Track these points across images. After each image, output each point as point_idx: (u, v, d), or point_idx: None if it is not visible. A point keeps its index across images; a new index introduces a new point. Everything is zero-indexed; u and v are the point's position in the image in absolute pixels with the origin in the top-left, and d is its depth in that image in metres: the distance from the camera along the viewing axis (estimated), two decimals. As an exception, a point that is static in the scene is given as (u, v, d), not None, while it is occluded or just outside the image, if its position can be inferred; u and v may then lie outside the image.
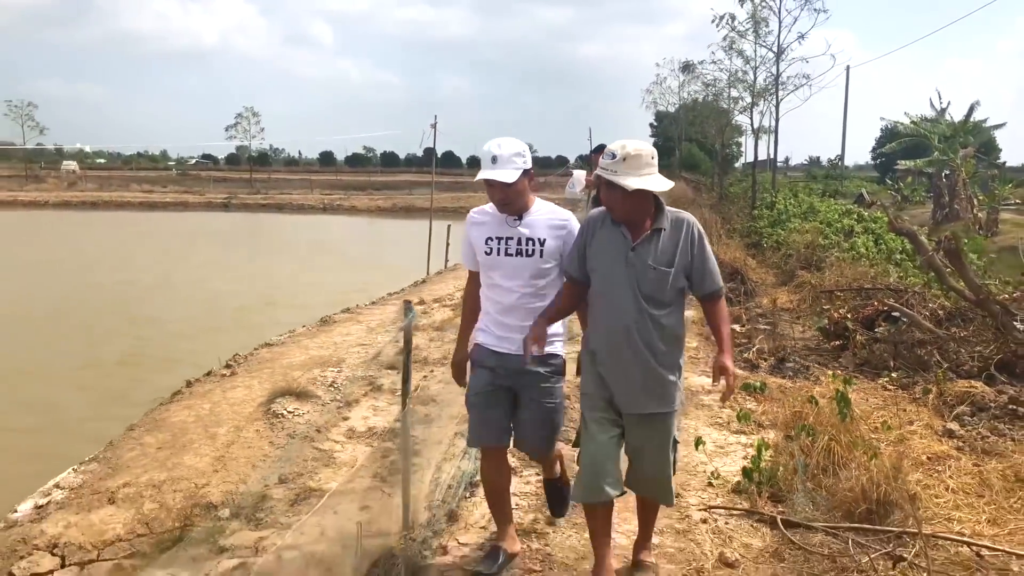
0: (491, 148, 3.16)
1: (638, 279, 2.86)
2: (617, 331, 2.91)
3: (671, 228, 2.90)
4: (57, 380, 9.18)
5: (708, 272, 2.95)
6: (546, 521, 3.84)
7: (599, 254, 2.95)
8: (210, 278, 17.88)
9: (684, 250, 2.88)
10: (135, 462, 4.62)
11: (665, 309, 2.91)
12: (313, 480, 4.31)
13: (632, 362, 2.91)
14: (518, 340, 3.16)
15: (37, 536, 3.86)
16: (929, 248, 7.68)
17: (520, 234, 3.21)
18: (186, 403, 5.63)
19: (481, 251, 3.27)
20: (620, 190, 2.78)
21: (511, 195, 3.15)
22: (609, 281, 2.92)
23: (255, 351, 7.26)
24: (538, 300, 3.23)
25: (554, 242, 3.21)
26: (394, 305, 9.54)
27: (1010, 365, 6.68)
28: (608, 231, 2.95)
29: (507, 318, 3.25)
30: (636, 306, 2.87)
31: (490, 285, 3.31)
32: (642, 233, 2.88)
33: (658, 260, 2.86)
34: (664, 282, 2.87)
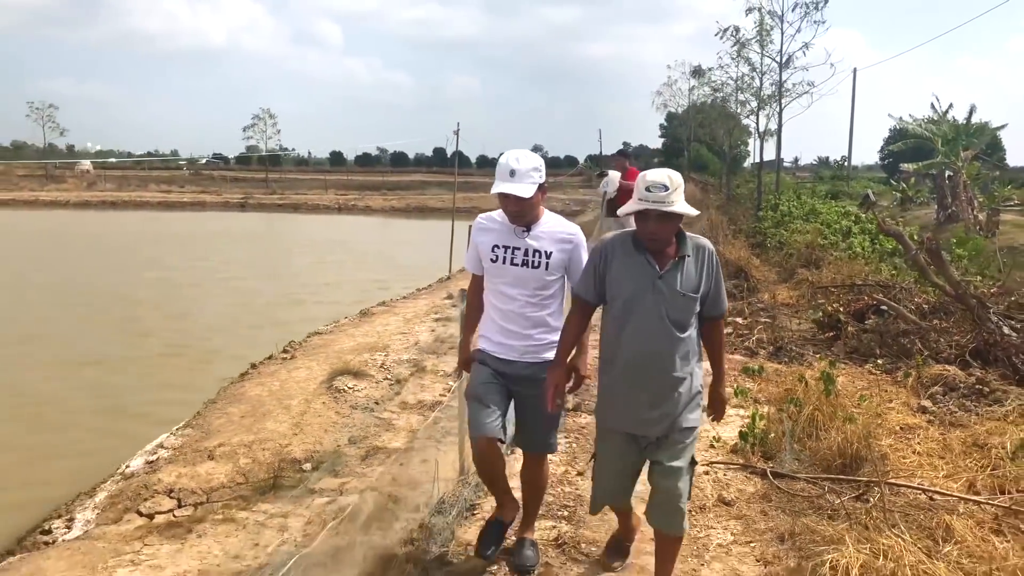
0: (509, 162, 3.19)
1: (666, 305, 2.90)
2: (644, 356, 2.93)
3: (694, 254, 2.95)
4: (112, 369, 10.01)
5: (720, 296, 3.04)
6: (576, 472, 4.65)
7: (621, 281, 2.97)
8: (239, 276, 18.73)
9: (707, 276, 2.96)
10: (224, 427, 5.45)
11: (688, 331, 2.95)
12: (378, 441, 5.13)
13: (659, 385, 2.94)
14: (518, 347, 3.31)
15: (155, 483, 4.68)
16: (913, 247, 8.44)
17: (528, 245, 3.27)
18: (256, 381, 6.47)
19: (487, 258, 3.33)
20: (675, 219, 2.84)
21: (526, 208, 3.22)
22: (635, 307, 2.93)
23: (307, 338, 8.12)
24: (540, 309, 3.32)
25: (560, 255, 3.29)
26: (425, 299, 10.37)
27: (983, 352, 7.44)
28: (630, 258, 2.95)
29: (509, 324, 3.33)
30: (664, 331, 2.90)
31: (494, 291, 3.38)
32: (667, 260, 2.91)
33: (685, 286, 2.91)
34: (691, 308, 2.93)
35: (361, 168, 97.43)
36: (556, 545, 3.75)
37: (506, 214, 3.27)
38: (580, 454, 4.92)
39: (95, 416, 7.90)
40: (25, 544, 4.50)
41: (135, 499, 4.53)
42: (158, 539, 3.83)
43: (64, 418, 7.68)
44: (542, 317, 3.33)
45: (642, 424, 2.99)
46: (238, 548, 3.69)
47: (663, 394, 2.94)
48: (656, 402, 2.95)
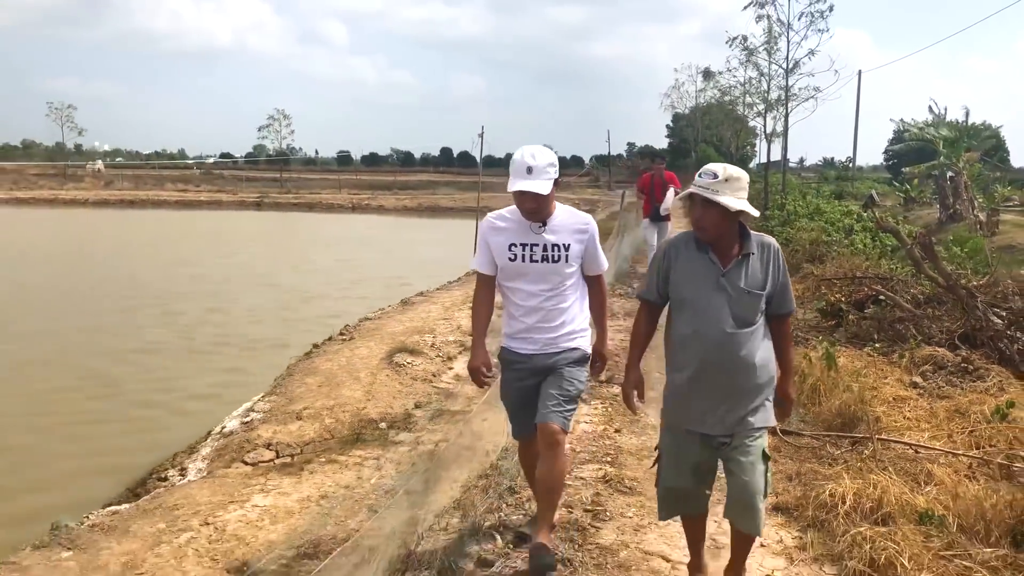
0: (525, 158, 3.17)
1: (731, 303, 2.90)
2: (712, 355, 2.91)
3: (759, 252, 2.95)
4: (172, 357, 10.84)
5: (787, 294, 3.04)
6: (615, 429, 5.47)
7: (686, 280, 2.98)
8: (268, 273, 19.57)
9: (773, 273, 2.95)
10: (305, 395, 6.28)
11: (755, 329, 2.94)
12: (440, 406, 5.96)
13: (728, 385, 2.93)
14: (541, 339, 3.34)
15: (255, 439, 5.49)
16: (908, 242, 9.25)
17: (546, 240, 3.26)
18: (324, 358, 7.31)
19: (504, 257, 3.30)
20: (719, 209, 2.83)
21: (543, 204, 3.22)
22: (700, 307, 2.94)
23: (360, 323, 8.97)
24: (561, 301, 3.34)
25: (577, 246, 3.32)
26: (458, 291, 11.23)
27: (971, 337, 8.23)
28: (693, 256, 2.97)
29: (531, 319, 3.34)
30: (731, 329, 2.89)
31: (512, 290, 3.37)
32: (731, 258, 2.92)
33: (750, 284, 2.91)
34: (756, 305, 2.92)
35: (369, 168, 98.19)
36: (604, 481, 4.57)
37: (522, 211, 3.26)
38: (616, 416, 5.72)
39: (167, 396, 8.76)
40: (147, 487, 5.35)
41: (239, 451, 5.34)
42: (277, 475, 4.65)
43: (142, 398, 8.55)
44: (564, 309, 3.34)
45: (709, 423, 2.96)
46: (346, 480, 4.51)
47: (730, 392, 2.93)
48: (724, 400, 2.93)
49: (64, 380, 9.21)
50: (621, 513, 4.16)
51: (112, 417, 7.84)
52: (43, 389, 8.83)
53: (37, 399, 8.44)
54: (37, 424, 7.65)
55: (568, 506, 4.14)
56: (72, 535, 3.87)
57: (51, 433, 7.40)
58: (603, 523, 4.02)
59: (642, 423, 5.64)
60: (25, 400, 8.45)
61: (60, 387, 8.87)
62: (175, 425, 7.51)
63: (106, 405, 8.24)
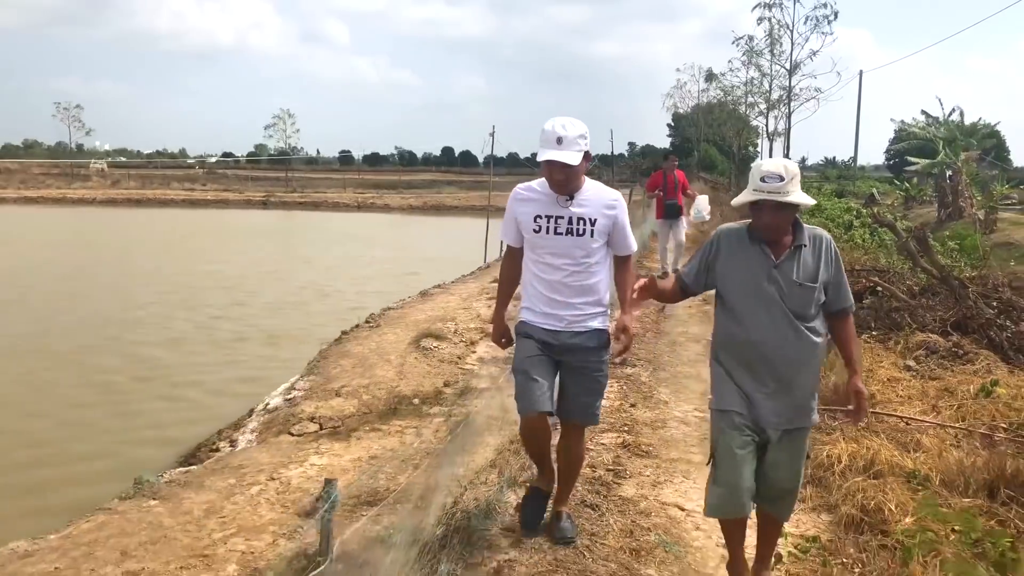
0: (555, 128, 3.12)
1: (783, 296, 2.88)
2: (764, 347, 2.90)
3: (811, 244, 2.92)
4: (208, 345, 11.34)
5: (843, 287, 3.01)
6: (630, 404, 5.94)
7: (736, 271, 2.96)
8: (282, 269, 20.08)
9: (825, 266, 2.92)
10: (341, 375, 6.76)
11: (810, 323, 2.91)
12: (467, 384, 6.44)
13: (780, 378, 2.91)
14: (565, 316, 3.29)
15: (300, 413, 5.97)
16: (904, 236, 9.73)
17: (571, 213, 3.23)
18: (355, 343, 7.80)
19: (529, 228, 3.29)
20: (791, 209, 2.83)
21: (572, 176, 3.17)
22: (751, 298, 2.93)
23: (384, 312, 9.46)
24: (587, 277, 3.29)
25: (604, 221, 3.28)
26: (473, 283, 11.73)
27: (962, 325, 8.71)
28: (744, 248, 2.95)
29: (555, 294, 3.30)
30: (785, 322, 2.88)
31: (536, 262, 3.33)
32: (783, 250, 2.90)
33: (802, 276, 2.88)
34: (809, 297, 2.89)
35: (371, 167, 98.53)
36: (623, 447, 5.05)
37: (551, 183, 3.22)
38: (630, 393, 6.20)
39: (207, 378, 9.30)
40: (197, 457, 5.85)
41: (285, 424, 5.82)
42: (328, 441, 5.14)
43: (186, 379, 9.14)
44: (588, 285, 3.30)
45: (761, 416, 2.95)
46: (391, 445, 5.00)
47: (782, 386, 2.91)
48: (775, 394, 2.92)
49: (112, 363, 9.82)
50: (639, 472, 4.64)
51: (155, 397, 8.37)
52: (93, 371, 9.44)
53: (88, 380, 9.02)
54: (89, 401, 8.21)
55: (591, 466, 4.62)
56: (154, 488, 4.36)
57: (103, 409, 7.96)
58: (624, 480, 4.50)
59: (654, 399, 6.12)
60: (75, 381, 9.02)
61: (108, 369, 9.48)
62: (214, 406, 8.02)
63: (148, 387, 8.77)
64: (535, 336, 3.33)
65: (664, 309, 9.62)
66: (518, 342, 3.44)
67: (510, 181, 47.28)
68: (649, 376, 6.61)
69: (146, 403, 8.14)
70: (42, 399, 8.45)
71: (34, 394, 8.62)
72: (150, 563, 3.38)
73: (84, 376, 9.33)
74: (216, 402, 8.21)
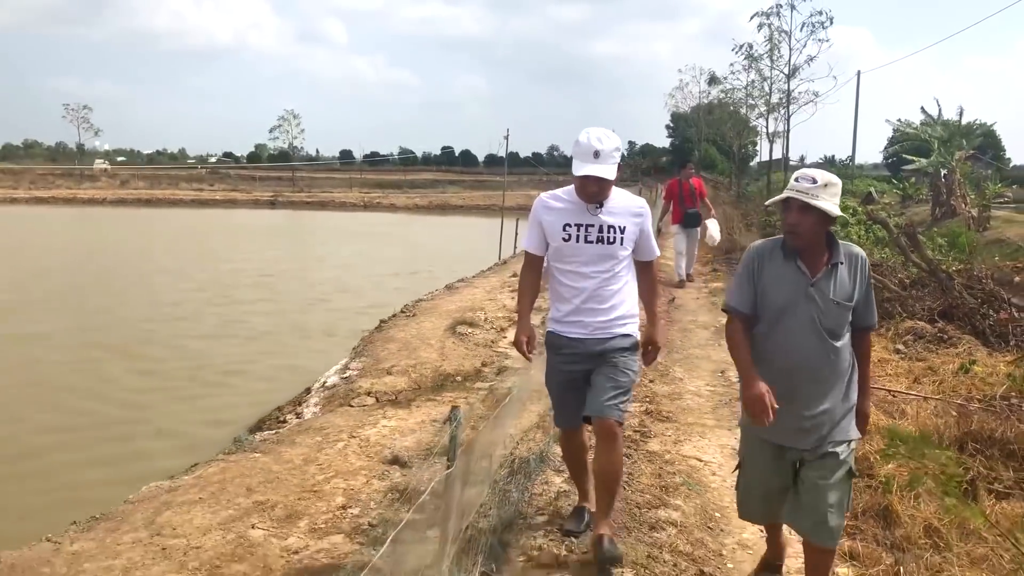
0: (592, 142, 3.15)
1: (820, 314, 2.85)
2: (798, 366, 2.88)
3: (847, 262, 2.90)
4: (246, 337, 12.12)
5: (871, 306, 3.00)
6: (649, 380, 6.72)
7: (773, 288, 2.92)
8: (301, 267, 20.89)
9: (860, 284, 2.91)
10: (389, 356, 7.55)
11: (843, 340, 2.90)
12: (503, 364, 7.22)
13: (812, 396, 2.88)
14: (591, 323, 3.29)
15: (357, 389, 6.74)
16: (895, 231, 10.53)
17: (601, 222, 3.24)
18: (396, 330, 8.60)
19: (558, 237, 3.28)
20: (816, 214, 2.78)
21: (606, 188, 3.21)
22: (787, 316, 2.89)
23: (417, 303, 10.26)
24: (613, 283, 3.31)
25: (633, 228, 3.31)
26: (494, 278, 12.55)
27: (948, 314, 9.50)
28: (779, 265, 2.92)
29: (583, 302, 3.29)
30: (818, 340, 2.86)
31: (565, 271, 3.32)
32: (820, 267, 2.87)
33: (839, 294, 2.85)
34: (845, 316, 2.88)
35: (372, 167, 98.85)
36: (646, 413, 5.83)
37: (584, 194, 3.23)
38: (649, 372, 6.96)
39: (251, 367, 10.08)
40: (264, 428, 6.62)
41: (345, 398, 6.59)
42: (391, 409, 5.92)
43: (230, 368, 9.92)
44: (616, 291, 3.32)
45: (794, 436, 2.92)
46: (445, 412, 5.78)
47: (816, 405, 2.88)
48: (809, 413, 2.88)
49: (160, 354, 10.65)
50: (662, 433, 5.43)
51: (204, 384, 9.17)
52: (143, 361, 10.24)
53: (140, 368, 9.82)
54: (147, 387, 9.01)
55: (621, 428, 5.40)
56: (252, 445, 5.15)
57: (159, 395, 8.75)
58: (649, 438, 5.29)
59: (670, 376, 6.90)
60: (129, 369, 9.80)
61: (157, 359, 10.29)
62: (261, 391, 8.79)
63: (198, 374, 9.57)
64: (564, 350, 3.36)
65: (674, 300, 10.40)
66: (549, 355, 3.47)
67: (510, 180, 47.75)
68: (664, 357, 7.39)
69: (197, 389, 8.96)
70: (103, 385, 9.24)
71: (95, 381, 9.40)
72: (272, 496, 4.16)
73: (136, 365, 10.12)
74: (263, 387, 8.99)
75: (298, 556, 3.51)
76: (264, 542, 3.62)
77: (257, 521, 3.83)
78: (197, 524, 3.78)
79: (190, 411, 8.24)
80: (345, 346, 9.05)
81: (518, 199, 34.20)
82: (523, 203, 39.20)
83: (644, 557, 3.46)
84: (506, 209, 21.58)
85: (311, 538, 3.69)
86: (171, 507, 4.00)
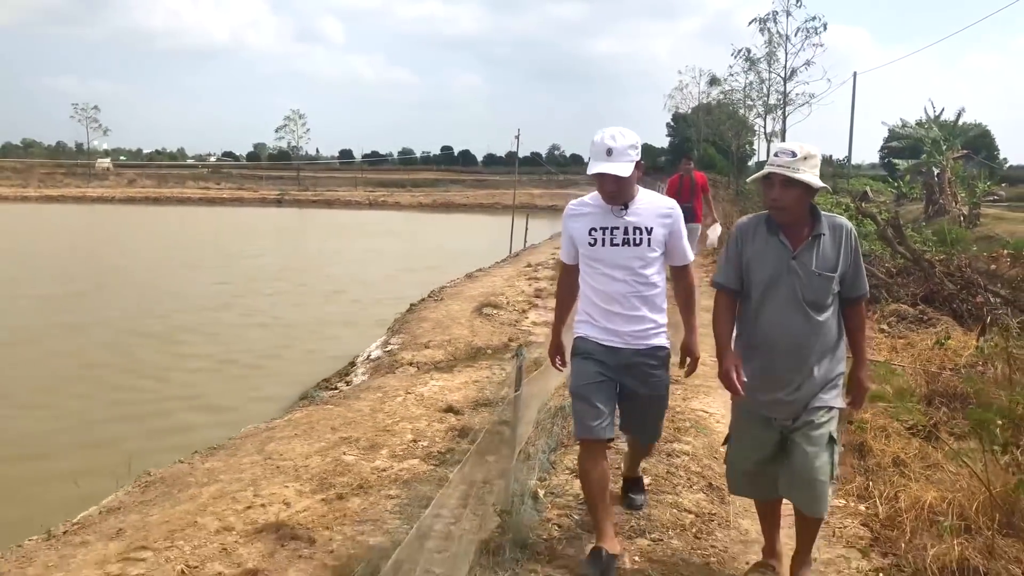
0: (605, 140, 3.09)
1: (802, 286, 2.86)
2: (782, 339, 2.89)
3: (830, 233, 2.90)
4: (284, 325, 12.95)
5: (860, 276, 2.97)
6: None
7: (757, 263, 2.94)
8: (319, 263, 21.65)
9: (845, 255, 2.90)
10: (425, 333, 8.42)
11: (827, 312, 2.90)
12: (527, 339, 8.09)
13: (796, 368, 2.90)
14: (625, 332, 3.21)
15: (400, 360, 7.60)
16: (883, 223, 11.42)
17: (627, 223, 3.19)
18: (428, 311, 9.48)
19: (584, 242, 3.24)
20: (799, 187, 2.79)
21: (624, 187, 3.14)
22: (770, 290, 2.92)
23: (442, 289, 11.15)
24: (645, 288, 3.22)
25: (661, 230, 3.22)
26: (509, 268, 13.47)
27: (930, 299, 10.40)
28: (763, 239, 2.94)
29: (614, 307, 3.22)
30: (801, 313, 2.87)
31: (594, 276, 3.26)
32: (802, 239, 2.88)
33: (821, 266, 2.86)
34: (827, 287, 2.87)
35: (372, 166, 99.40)
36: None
37: (602, 195, 3.20)
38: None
39: (286, 351, 10.93)
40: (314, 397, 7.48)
41: (390, 368, 7.45)
42: (436, 373, 6.79)
43: (268, 352, 10.78)
44: (648, 298, 3.25)
45: (778, 406, 2.96)
46: (485, 375, 6.64)
47: (800, 377, 2.90)
48: (793, 385, 2.90)
49: (197, 339, 11.51)
50: (672, 392, 6.28)
51: (246, 366, 10.01)
52: (183, 346, 11.09)
53: (188, 353, 10.68)
54: (195, 367, 9.86)
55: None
56: (323, 399, 6.01)
57: (209, 375, 9.59)
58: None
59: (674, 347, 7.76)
60: (177, 353, 10.67)
61: (196, 343, 11.18)
62: (300, 373, 9.59)
63: (242, 358, 10.42)
64: (594, 355, 3.25)
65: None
66: (576, 363, 3.34)
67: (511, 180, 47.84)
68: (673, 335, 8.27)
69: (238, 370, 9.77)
70: (149, 368, 10.04)
71: (143, 365, 10.20)
72: (353, 433, 5.02)
73: (180, 350, 10.91)
74: (300, 369, 9.73)
75: (386, 472, 4.37)
76: (356, 463, 4.48)
77: (347, 450, 4.69)
78: (299, 452, 4.65)
79: (235, 390, 9.03)
80: (369, 333, 9.87)
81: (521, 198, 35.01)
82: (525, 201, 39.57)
83: (664, 472, 4.33)
84: (508, 207, 22.37)
85: (393, 461, 4.55)
86: (273, 440, 4.87)
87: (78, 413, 8.21)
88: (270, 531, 3.55)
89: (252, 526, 3.60)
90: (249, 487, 4.05)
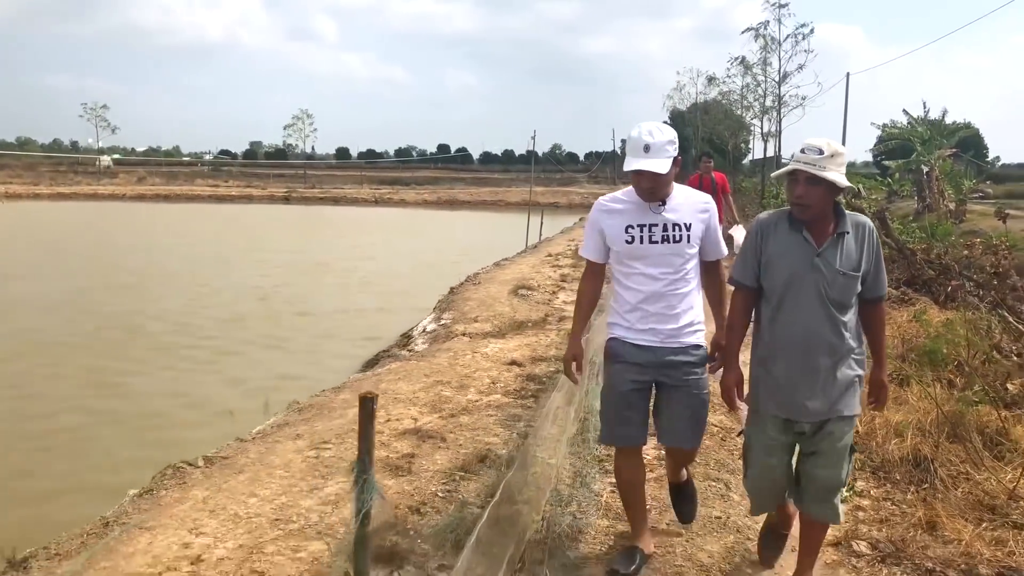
0: (643, 136, 3.02)
1: (826, 284, 2.80)
2: (804, 338, 2.84)
3: (854, 231, 2.84)
4: (322, 317, 14.10)
5: (881, 276, 2.92)
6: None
7: (779, 260, 2.88)
8: (338, 257, 22.65)
9: (868, 254, 2.86)
10: (471, 310, 9.69)
11: (849, 312, 2.86)
12: (561, 315, 9.37)
13: (819, 369, 2.83)
14: (663, 331, 3.13)
15: (454, 331, 8.84)
16: (869, 215, 12.77)
17: (666, 220, 3.12)
18: (469, 292, 10.76)
19: (620, 241, 3.16)
20: (824, 185, 2.75)
21: (661, 184, 3.07)
22: (793, 287, 2.85)
23: (477, 274, 12.43)
24: (683, 284, 3.16)
25: (699, 225, 3.17)
26: (531, 258, 14.78)
27: (911, 282, 11.72)
28: (786, 236, 2.88)
29: (651, 306, 3.15)
30: (824, 312, 2.81)
31: (630, 275, 3.19)
32: (826, 237, 2.82)
33: (845, 264, 2.80)
34: (851, 286, 2.82)
35: (369, 164, 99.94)
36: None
37: (639, 192, 3.13)
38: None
39: (337, 335, 12.12)
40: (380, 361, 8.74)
41: (446, 338, 8.68)
42: (491, 339, 8.06)
43: (327, 332, 11.98)
44: (685, 295, 3.18)
45: (798, 410, 2.89)
46: (534, 341, 7.91)
47: (821, 378, 2.84)
48: (814, 386, 2.85)
49: (253, 324, 12.70)
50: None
51: (299, 350, 11.16)
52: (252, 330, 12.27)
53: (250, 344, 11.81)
54: (267, 343, 11.08)
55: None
56: (405, 358, 7.27)
57: (278, 352, 10.81)
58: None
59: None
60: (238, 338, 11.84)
61: (250, 328, 12.34)
62: (352, 355, 10.78)
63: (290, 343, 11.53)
64: (629, 359, 3.19)
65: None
66: (609, 367, 3.28)
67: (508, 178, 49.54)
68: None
69: (298, 353, 10.86)
70: (227, 344, 11.23)
71: (222, 341, 11.36)
72: (442, 378, 6.29)
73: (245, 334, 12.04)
74: (357, 345, 11.01)
75: (477, 403, 5.65)
76: (453, 397, 5.76)
77: (442, 389, 5.97)
78: (406, 389, 5.93)
79: (302, 361, 10.25)
80: (411, 318, 11.07)
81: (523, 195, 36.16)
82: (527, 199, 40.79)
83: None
84: (510, 205, 23.50)
85: (481, 395, 5.83)
86: (383, 383, 6.15)
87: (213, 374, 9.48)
88: (410, 434, 4.83)
89: (395, 431, 4.88)
90: (380, 409, 5.31)
